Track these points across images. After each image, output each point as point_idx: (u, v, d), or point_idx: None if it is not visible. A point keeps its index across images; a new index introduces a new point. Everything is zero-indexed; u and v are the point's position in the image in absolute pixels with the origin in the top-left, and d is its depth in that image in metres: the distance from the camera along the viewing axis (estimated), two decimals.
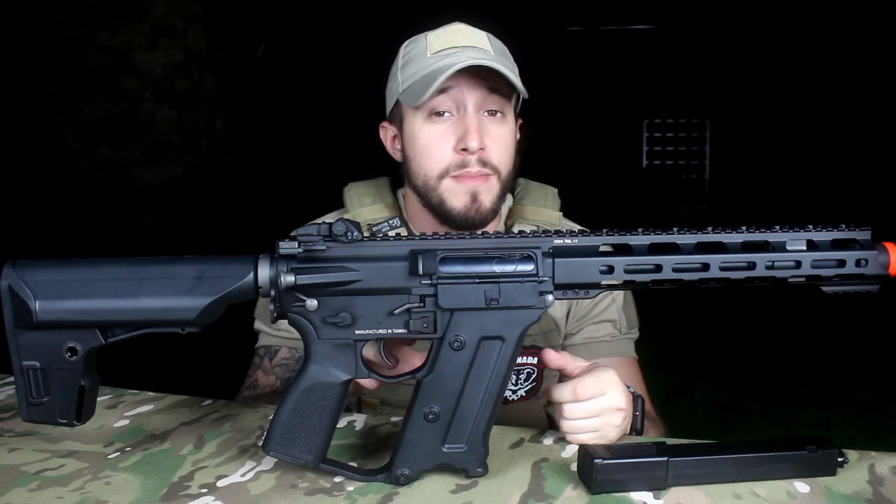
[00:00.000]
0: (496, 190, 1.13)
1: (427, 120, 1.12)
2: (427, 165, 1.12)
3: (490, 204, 1.12)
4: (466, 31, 1.14)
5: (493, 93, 1.10)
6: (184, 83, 5.19)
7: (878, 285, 0.84)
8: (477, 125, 1.09)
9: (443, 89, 1.08)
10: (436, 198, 1.13)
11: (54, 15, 5.14)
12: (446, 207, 1.12)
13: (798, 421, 3.47)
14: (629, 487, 0.80)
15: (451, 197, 1.12)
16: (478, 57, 1.08)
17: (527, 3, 7.13)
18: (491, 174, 1.11)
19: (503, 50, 1.16)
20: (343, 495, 0.81)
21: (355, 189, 1.28)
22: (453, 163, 1.11)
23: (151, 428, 1.01)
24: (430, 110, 1.11)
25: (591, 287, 0.84)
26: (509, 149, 1.14)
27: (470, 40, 1.12)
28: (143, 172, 5.28)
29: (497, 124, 1.12)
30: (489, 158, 1.10)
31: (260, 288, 0.81)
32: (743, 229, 0.83)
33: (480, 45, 1.12)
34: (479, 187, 1.11)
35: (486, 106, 1.11)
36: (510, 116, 1.15)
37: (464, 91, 1.09)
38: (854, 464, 0.86)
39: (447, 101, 1.10)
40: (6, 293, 0.80)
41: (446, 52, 1.10)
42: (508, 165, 1.14)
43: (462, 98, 1.10)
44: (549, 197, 1.28)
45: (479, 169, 1.10)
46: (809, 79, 7.91)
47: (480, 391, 0.83)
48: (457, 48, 1.10)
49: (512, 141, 1.15)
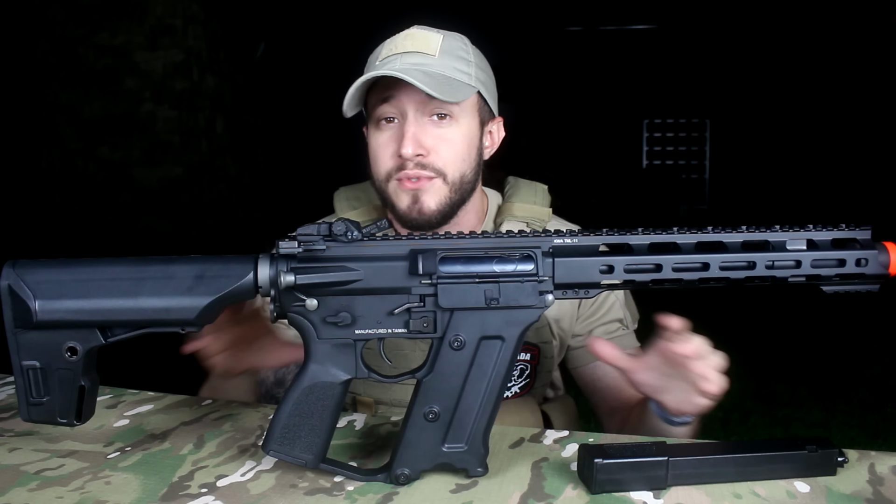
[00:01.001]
0: (444, 192, 1.13)
1: (376, 127, 1.15)
2: (375, 170, 1.16)
3: (436, 206, 1.13)
4: (417, 35, 1.15)
5: (434, 98, 1.09)
6: (184, 83, 5.19)
7: (878, 285, 0.84)
8: (413, 132, 1.10)
9: (385, 98, 1.12)
10: (387, 199, 1.16)
11: (54, 15, 5.14)
12: (395, 207, 1.15)
13: (798, 421, 3.47)
14: (629, 487, 0.80)
15: (396, 198, 1.14)
16: (413, 63, 1.10)
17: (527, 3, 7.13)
18: (434, 177, 1.12)
19: (454, 50, 1.15)
20: (343, 495, 0.81)
21: (345, 193, 1.31)
22: (393, 167, 1.13)
23: (151, 428, 1.01)
24: (377, 118, 1.14)
25: (591, 287, 0.84)
26: (458, 150, 1.14)
27: (416, 45, 1.13)
28: (143, 172, 5.28)
29: (444, 127, 1.12)
30: (430, 162, 1.12)
31: (260, 288, 0.81)
32: (743, 229, 0.83)
33: (425, 49, 1.13)
34: (421, 189, 1.12)
35: (431, 110, 1.12)
36: (464, 118, 1.14)
37: (402, 99, 1.11)
38: (854, 463, 0.86)
39: (391, 109, 1.13)
40: (6, 293, 0.80)
41: (387, 60, 1.12)
42: (459, 166, 1.14)
43: (402, 105, 1.12)
44: (538, 193, 1.28)
45: (417, 172, 1.11)
46: (809, 79, 7.91)
47: (480, 391, 0.83)
48: (397, 55, 1.12)
49: (462, 142, 1.14)
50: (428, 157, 1.11)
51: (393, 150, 1.12)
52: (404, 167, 1.11)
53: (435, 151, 1.12)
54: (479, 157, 1.18)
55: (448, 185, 1.13)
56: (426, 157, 1.11)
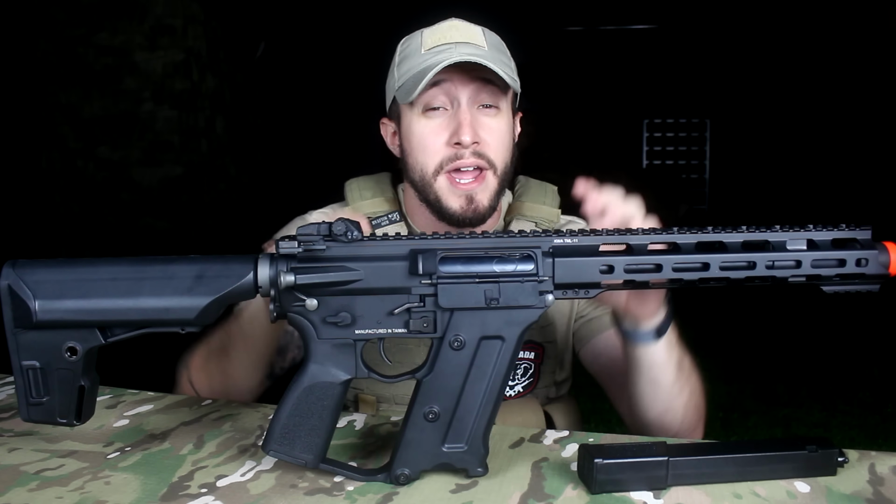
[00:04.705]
0: (493, 186, 1.13)
1: (422, 115, 1.13)
2: (422, 160, 1.14)
3: (488, 202, 1.13)
4: (461, 26, 1.15)
5: (487, 86, 1.10)
6: (184, 83, 5.18)
7: (878, 285, 0.84)
8: (470, 119, 1.10)
9: (435, 83, 1.09)
10: (432, 195, 1.14)
11: (54, 15, 5.13)
12: (443, 206, 1.14)
13: (798, 421, 3.47)
14: (629, 487, 0.80)
15: (447, 197, 1.13)
16: (471, 52, 1.09)
17: (527, 3, 7.13)
18: (487, 168, 1.12)
19: (498, 45, 1.17)
20: (343, 495, 0.81)
21: (356, 183, 1.29)
22: (447, 156, 1.11)
23: (151, 428, 1.01)
24: (424, 105, 1.12)
25: (591, 287, 0.84)
26: (506, 142, 1.15)
27: (463, 36, 1.13)
28: (143, 172, 5.27)
29: (492, 117, 1.13)
30: (484, 151, 1.11)
31: (260, 287, 0.81)
32: (743, 229, 0.83)
33: (474, 40, 1.13)
34: (475, 189, 1.12)
35: (480, 100, 1.12)
36: (506, 110, 1.15)
37: (456, 85, 1.10)
38: (854, 463, 0.86)
39: (441, 96, 1.11)
40: (6, 293, 0.80)
41: (439, 49, 1.11)
42: (505, 158, 1.15)
43: (455, 92, 1.11)
44: (548, 194, 1.28)
45: (475, 160, 1.11)
46: (809, 79, 7.91)
47: (480, 391, 0.83)
48: (449, 44, 1.11)
49: (508, 134, 1.16)
50: (481, 145, 1.11)
51: (445, 139, 1.11)
52: (460, 156, 1.10)
53: (486, 141, 1.11)
54: (514, 149, 1.19)
55: (497, 178, 1.14)
56: (479, 147, 1.11)
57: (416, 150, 1.14)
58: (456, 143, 1.10)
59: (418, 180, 1.15)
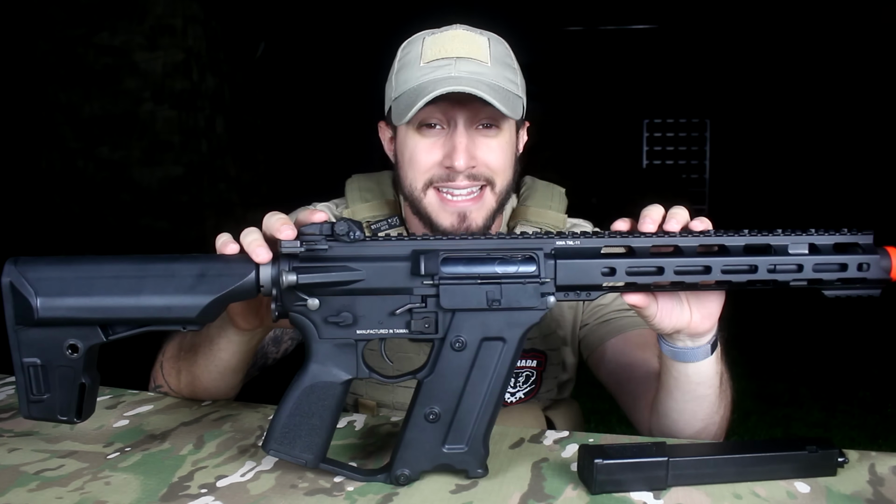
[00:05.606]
0: (491, 205, 1.12)
1: (416, 131, 1.11)
2: (412, 175, 1.12)
3: (482, 221, 1.12)
4: (464, 37, 1.11)
5: (486, 106, 1.06)
6: (184, 83, 5.18)
7: (879, 289, 0.84)
8: (466, 144, 1.07)
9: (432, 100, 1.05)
10: (422, 209, 1.13)
11: (54, 15, 5.13)
12: (433, 222, 1.12)
13: (798, 421, 3.47)
14: (629, 487, 0.80)
15: (438, 213, 1.11)
16: (471, 71, 1.06)
17: (527, 3, 7.13)
18: (484, 185, 1.11)
19: (503, 57, 1.13)
20: (343, 495, 0.81)
21: (357, 182, 1.27)
22: (438, 175, 1.10)
23: (151, 428, 1.01)
24: (419, 121, 1.10)
25: (593, 289, 0.84)
26: (506, 159, 1.12)
27: (466, 49, 1.09)
28: (143, 172, 5.27)
29: (492, 137, 1.10)
30: (480, 172, 1.10)
31: (261, 287, 0.81)
32: (745, 232, 0.83)
33: (477, 55, 1.09)
34: (469, 207, 1.10)
35: (479, 119, 1.09)
36: (508, 127, 1.12)
37: (454, 105, 1.07)
38: (854, 464, 0.87)
39: (437, 114, 1.08)
40: (7, 290, 0.80)
41: (438, 64, 1.08)
42: (506, 175, 1.13)
43: (452, 112, 1.08)
44: (554, 197, 1.27)
45: (469, 183, 1.09)
46: (810, 79, 7.91)
47: (481, 392, 0.83)
48: (449, 59, 1.08)
49: (510, 150, 1.13)
50: (477, 167, 1.09)
51: (437, 159, 1.09)
52: (452, 179, 1.09)
53: (484, 161, 1.09)
54: (517, 163, 1.17)
55: (495, 195, 1.12)
56: (475, 169, 1.09)
57: (407, 164, 1.13)
58: (448, 167, 1.08)
59: (408, 193, 1.14)
